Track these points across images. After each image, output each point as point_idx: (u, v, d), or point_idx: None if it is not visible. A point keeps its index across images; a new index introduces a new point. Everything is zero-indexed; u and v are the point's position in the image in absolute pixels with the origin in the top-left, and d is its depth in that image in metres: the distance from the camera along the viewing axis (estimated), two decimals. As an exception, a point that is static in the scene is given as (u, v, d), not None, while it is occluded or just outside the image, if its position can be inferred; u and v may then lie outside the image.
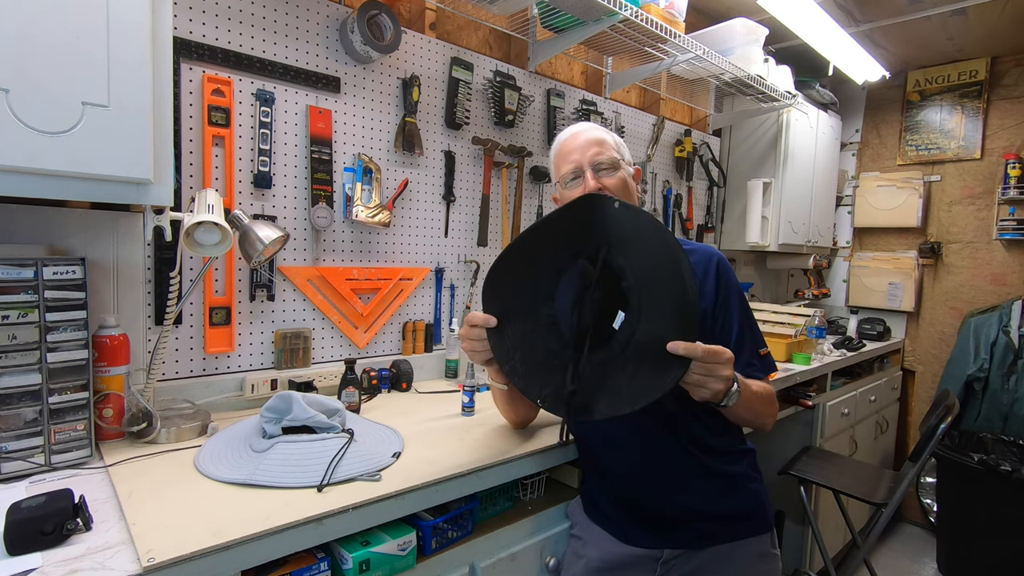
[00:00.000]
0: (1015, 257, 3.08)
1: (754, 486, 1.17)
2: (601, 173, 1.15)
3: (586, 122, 1.27)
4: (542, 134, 2.18)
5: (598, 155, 1.15)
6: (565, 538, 1.28)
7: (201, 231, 1.14)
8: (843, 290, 3.63)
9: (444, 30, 1.89)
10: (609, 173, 1.15)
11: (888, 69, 2.96)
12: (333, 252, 1.63)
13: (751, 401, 1.06)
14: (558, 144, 1.23)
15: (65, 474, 1.01)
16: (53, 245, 1.16)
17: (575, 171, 1.17)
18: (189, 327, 1.39)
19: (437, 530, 1.06)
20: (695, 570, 1.12)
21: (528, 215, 2.15)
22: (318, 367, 1.59)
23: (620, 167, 1.17)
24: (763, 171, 2.92)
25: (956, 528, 2.73)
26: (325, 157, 1.57)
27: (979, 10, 2.60)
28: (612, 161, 1.16)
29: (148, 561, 0.73)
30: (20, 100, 0.84)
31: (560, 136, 1.24)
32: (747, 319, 1.16)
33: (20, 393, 0.99)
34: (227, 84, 1.39)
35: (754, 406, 1.08)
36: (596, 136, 1.18)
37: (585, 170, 1.15)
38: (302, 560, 0.91)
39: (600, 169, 1.15)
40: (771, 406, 1.14)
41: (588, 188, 1.13)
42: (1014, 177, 2.99)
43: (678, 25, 2.01)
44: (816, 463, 2.21)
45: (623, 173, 1.17)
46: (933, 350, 3.36)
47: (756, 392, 1.07)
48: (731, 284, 1.16)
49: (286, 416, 1.08)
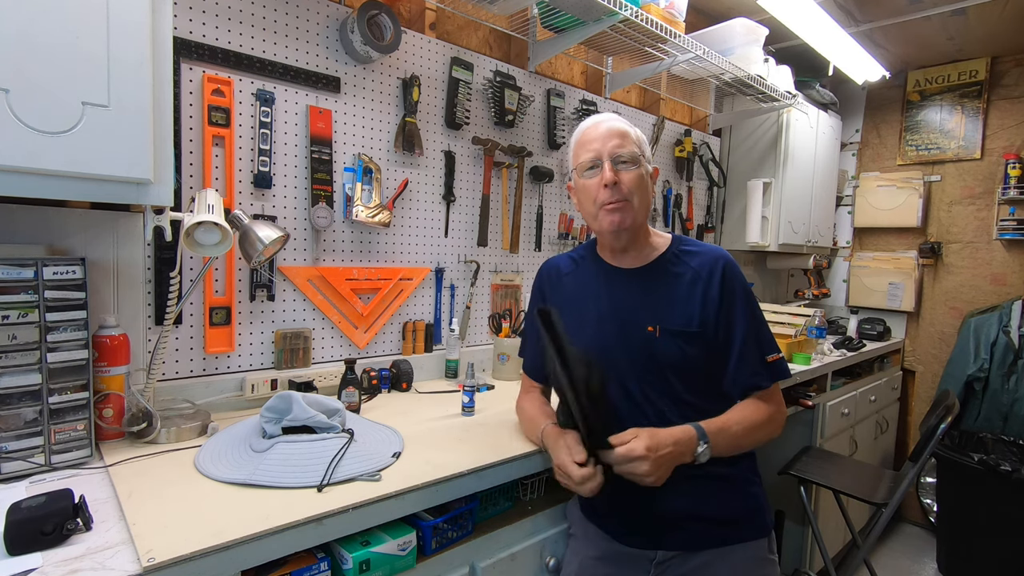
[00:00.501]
0: (1015, 257, 3.08)
1: (752, 489, 1.17)
2: (620, 167, 1.13)
3: (611, 113, 1.24)
4: (542, 134, 2.18)
5: (619, 147, 1.13)
6: (564, 538, 1.28)
7: (201, 231, 1.14)
8: (843, 290, 3.63)
9: (444, 30, 1.89)
10: (628, 167, 1.13)
11: (888, 69, 2.96)
12: (333, 252, 1.63)
13: (735, 440, 1.08)
14: (579, 132, 1.20)
15: (65, 474, 1.01)
16: (53, 245, 1.16)
17: (594, 160, 1.14)
18: (189, 327, 1.39)
19: (437, 530, 1.06)
20: (690, 572, 1.11)
21: (528, 215, 2.15)
22: (318, 367, 1.59)
23: (640, 163, 1.14)
24: (763, 171, 2.92)
25: (956, 528, 2.73)
26: (325, 157, 1.57)
27: (979, 10, 2.60)
28: (632, 156, 1.13)
29: (148, 561, 0.73)
30: (20, 100, 0.84)
31: (582, 124, 1.21)
32: (754, 325, 1.14)
33: (20, 393, 0.99)
34: (227, 84, 1.39)
35: (741, 443, 1.10)
36: (619, 128, 1.15)
37: (604, 161, 1.13)
38: (302, 560, 0.91)
39: (619, 162, 1.13)
40: (761, 431, 1.12)
41: (605, 179, 1.11)
42: (1014, 177, 2.99)
43: (678, 25, 2.01)
44: (816, 463, 2.21)
45: (641, 170, 1.14)
46: (933, 350, 3.36)
47: (736, 433, 1.08)
48: (736, 289, 1.14)
49: (286, 416, 1.08)
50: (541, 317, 0.99)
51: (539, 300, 1.31)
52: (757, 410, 1.12)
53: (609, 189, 1.12)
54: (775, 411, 1.15)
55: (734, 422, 1.09)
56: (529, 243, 2.17)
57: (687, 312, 1.12)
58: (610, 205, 1.13)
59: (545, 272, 1.32)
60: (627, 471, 0.99)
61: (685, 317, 1.12)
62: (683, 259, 1.18)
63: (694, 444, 1.03)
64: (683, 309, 1.13)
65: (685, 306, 1.13)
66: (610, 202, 1.12)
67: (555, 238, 2.26)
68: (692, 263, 1.17)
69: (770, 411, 1.14)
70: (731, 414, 1.11)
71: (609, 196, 1.12)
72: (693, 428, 1.05)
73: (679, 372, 1.11)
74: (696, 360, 1.11)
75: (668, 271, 1.17)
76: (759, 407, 1.13)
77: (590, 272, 1.25)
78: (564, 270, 1.29)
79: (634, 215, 1.14)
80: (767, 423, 1.13)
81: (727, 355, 1.13)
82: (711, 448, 1.05)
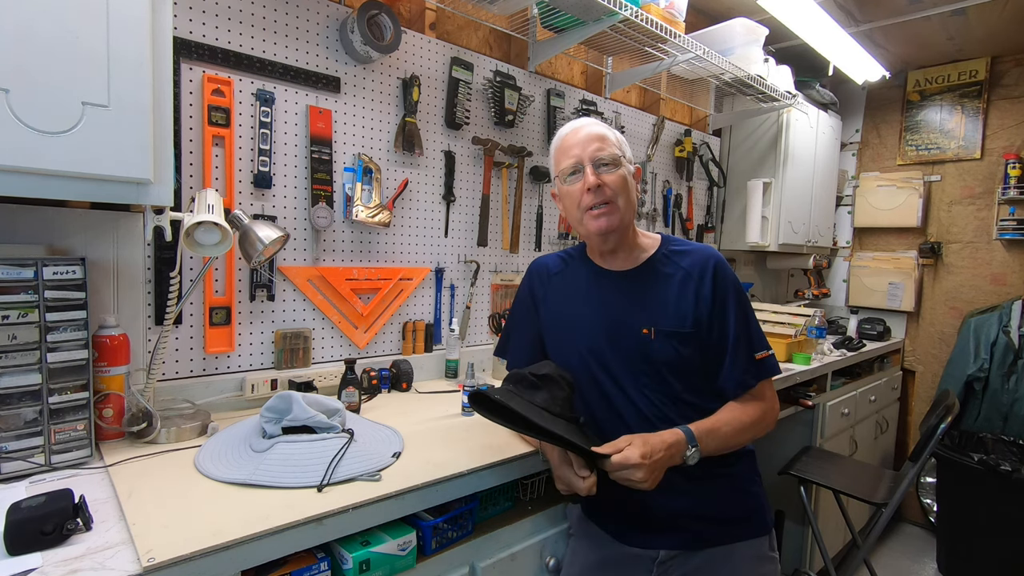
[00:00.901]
0: (1015, 257, 3.08)
1: (752, 488, 1.17)
2: (601, 169, 1.14)
3: (587, 117, 1.25)
4: (542, 134, 2.18)
5: (599, 150, 1.14)
6: (565, 538, 1.28)
7: (201, 231, 1.14)
8: (843, 290, 3.63)
9: (444, 30, 1.89)
10: (609, 170, 1.14)
11: (888, 69, 2.96)
12: (333, 252, 1.63)
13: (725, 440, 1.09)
14: (558, 139, 1.21)
15: (65, 474, 1.01)
16: (53, 245, 1.16)
17: (575, 166, 1.15)
18: (189, 327, 1.39)
19: (437, 530, 1.06)
20: (692, 572, 1.11)
21: (528, 215, 2.15)
22: (318, 367, 1.59)
23: (621, 164, 1.16)
24: (763, 171, 2.92)
25: (956, 528, 2.73)
26: (325, 157, 1.57)
27: (979, 10, 2.60)
28: (613, 158, 1.14)
29: (148, 561, 0.73)
30: (20, 100, 0.84)
31: (561, 131, 1.22)
32: (745, 322, 1.15)
33: (20, 393, 0.99)
34: (227, 84, 1.39)
35: (731, 443, 1.10)
36: (598, 132, 1.16)
37: (585, 165, 1.13)
38: (302, 560, 0.91)
39: (601, 164, 1.14)
40: (752, 429, 1.13)
41: (588, 183, 1.12)
42: (1014, 177, 2.99)
43: (678, 25, 2.01)
44: (816, 463, 2.21)
45: (623, 171, 1.15)
46: (933, 350, 3.36)
47: (727, 433, 1.09)
48: (728, 287, 1.14)
49: (286, 416, 1.08)
50: (478, 404, 1.05)
51: (528, 298, 1.31)
52: (747, 409, 1.12)
53: (592, 193, 1.12)
54: (767, 408, 1.15)
55: (724, 423, 1.09)
56: (529, 243, 2.17)
57: (680, 312, 1.13)
58: (595, 210, 1.13)
59: (535, 270, 1.32)
60: (622, 477, 0.99)
61: (678, 318, 1.12)
62: (673, 259, 1.18)
63: (683, 448, 1.04)
64: (676, 310, 1.13)
65: (678, 306, 1.13)
66: (594, 205, 1.13)
67: (555, 238, 2.26)
68: (683, 263, 1.17)
69: (761, 408, 1.14)
70: (721, 415, 1.11)
71: (593, 199, 1.13)
72: (682, 432, 1.05)
73: (676, 372, 1.12)
74: (691, 360, 1.12)
75: (659, 272, 1.17)
76: (749, 405, 1.13)
77: (580, 274, 1.25)
78: (553, 269, 1.29)
79: (620, 216, 1.14)
80: (759, 421, 1.13)
81: (721, 353, 1.13)
82: (700, 451, 1.05)
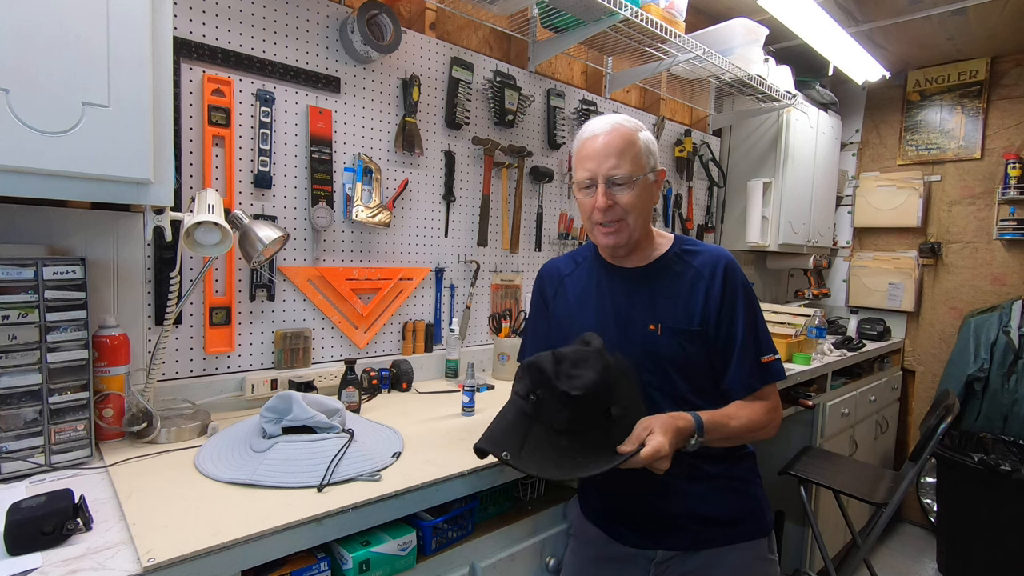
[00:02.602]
0: (1015, 257, 3.08)
1: (752, 489, 1.17)
2: (614, 189, 1.11)
3: (612, 118, 1.16)
4: (542, 134, 2.18)
5: (614, 169, 1.10)
6: (565, 538, 1.28)
7: (201, 231, 1.14)
8: (843, 290, 3.63)
9: (444, 30, 1.89)
10: (623, 190, 1.11)
11: (888, 69, 2.96)
12: (333, 252, 1.63)
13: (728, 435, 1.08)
14: (579, 141, 1.17)
15: (65, 474, 1.01)
16: (53, 245, 1.16)
17: (589, 180, 1.13)
18: (189, 327, 1.39)
19: (437, 530, 1.06)
20: (690, 572, 1.11)
21: (528, 215, 2.15)
22: (318, 367, 1.59)
23: (636, 183, 1.12)
24: (763, 171, 2.92)
25: (956, 528, 2.73)
26: (325, 157, 1.57)
27: (979, 10, 2.60)
28: (628, 177, 1.11)
29: (148, 561, 0.73)
30: (20, 100, 0.84)
31: (583, 130, 1.16)
32: (753, 325, 1.14)
33: (20, 393, 0.99)
34: (227, 84, 1.39)
35: (733, 440, 1.10)
36: (617, 145, 1.11)
37: (598, 183, 1.11)
38: (302, 560, 0.91)
39: (613, 184, 1.11)
40: (756, 432, 1.12)
41: (598, 204, 1.10)
42: (1014, 177, 2.99)
43: (678, 25, 2.01)
44: (816, 463, 2.21)
45: (639, 189, 1.12)
46: (933, 350, 3.36)
47: (732, 428, 1.08)
48: (737, 289, 1.14)
49: (286, 416, 1.08)
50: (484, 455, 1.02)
51: (539, 301, 1.31)
52: (753, 411, 1.12)
53: (602, 212, 1.11)
54: (772, 412, 1.14)
55: (731, 417, 1.08)
56: (529, 243, 2.17)
57: (688, 311, 1.12)
58: (604, 227, 1.13)
59: (545, 274, 1.32)
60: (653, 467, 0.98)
61: (686, 316, 1.12)
62: (685, 258, 1.17)
63: (690, 435, 1.02)
64: (684, 308, 1.13)
65: (687, 305, 1.13)
66: (603, 223, 1.13)
67: (555, 238, 2.26)
68: (694, 262, 1.16)
69: (766, 411, 1.13)
70: (729, 409, 1.10)
71: (602, 218, 1.12)
72: (692, 419, 1.04)
73: (682, 371, 1.12)
74: (697, 358, 1.11)
75: (670, 270, 1.17)
76: (755, 408, 1.12)
77: (592, 272, 1.25)
78: (564, 271, 1.29)
79: (629, 233, 1.13)
80: (764, 424, 1.13)
81: (728, 355, 1.13)
82: (703, 442, 1.04)
